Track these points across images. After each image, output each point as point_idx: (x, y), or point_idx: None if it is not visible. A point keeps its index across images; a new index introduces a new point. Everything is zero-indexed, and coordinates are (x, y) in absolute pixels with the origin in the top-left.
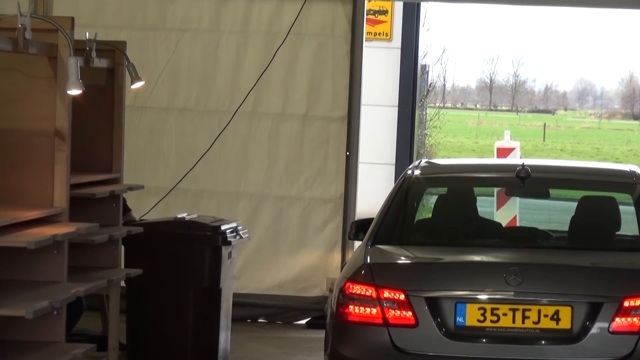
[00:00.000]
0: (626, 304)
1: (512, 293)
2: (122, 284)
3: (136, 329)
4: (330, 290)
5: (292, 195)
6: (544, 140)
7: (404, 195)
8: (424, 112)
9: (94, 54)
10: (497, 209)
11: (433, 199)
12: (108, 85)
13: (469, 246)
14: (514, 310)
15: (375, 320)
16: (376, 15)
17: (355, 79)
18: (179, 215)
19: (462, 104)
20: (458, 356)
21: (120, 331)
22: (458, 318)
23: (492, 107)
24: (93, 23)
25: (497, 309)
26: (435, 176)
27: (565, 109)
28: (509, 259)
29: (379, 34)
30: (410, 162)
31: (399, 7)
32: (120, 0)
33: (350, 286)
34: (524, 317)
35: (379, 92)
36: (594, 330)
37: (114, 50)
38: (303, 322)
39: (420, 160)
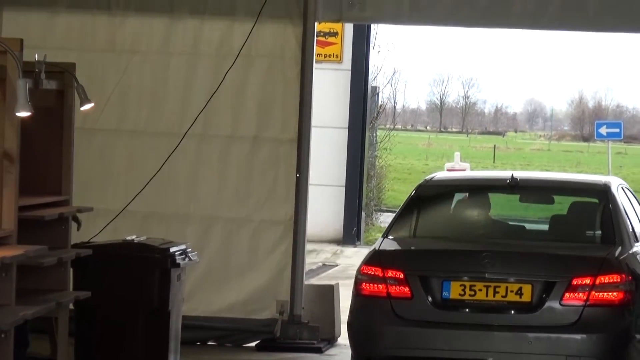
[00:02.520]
0: (574, 282)
1: (486, 274)
2: (71, 306)
3: (85, 351)
4: (281, 313)
5: (242, 217)
6: (494, 162)
7: (413, 200)
8: (374, 134)
9: (43, 75)
10: None
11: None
12: (57, 107)
13: (459, 238)
14: (487, 287)
15: (381, 294)
16: (326, 37)
17: (305, 101)
18: (128, 238)
19: (412, 125)
20: (444, 322)
21: (69, 354)
22: (444, 292)
23: (442, 129)
24: (42, 45)
25: (474, 285)
26: (438, 185)
27: (515, 131)
28: (485, 248)
29: (329, 55)
30: (361, 183)
31: (349, 29)
32: (69, 22)
33: (364, 268)
34: (495, 292)
35: (329, 114)
36: (549, 302)
37: (63, 72)
38: (253, 344)
39: (428, 176)
